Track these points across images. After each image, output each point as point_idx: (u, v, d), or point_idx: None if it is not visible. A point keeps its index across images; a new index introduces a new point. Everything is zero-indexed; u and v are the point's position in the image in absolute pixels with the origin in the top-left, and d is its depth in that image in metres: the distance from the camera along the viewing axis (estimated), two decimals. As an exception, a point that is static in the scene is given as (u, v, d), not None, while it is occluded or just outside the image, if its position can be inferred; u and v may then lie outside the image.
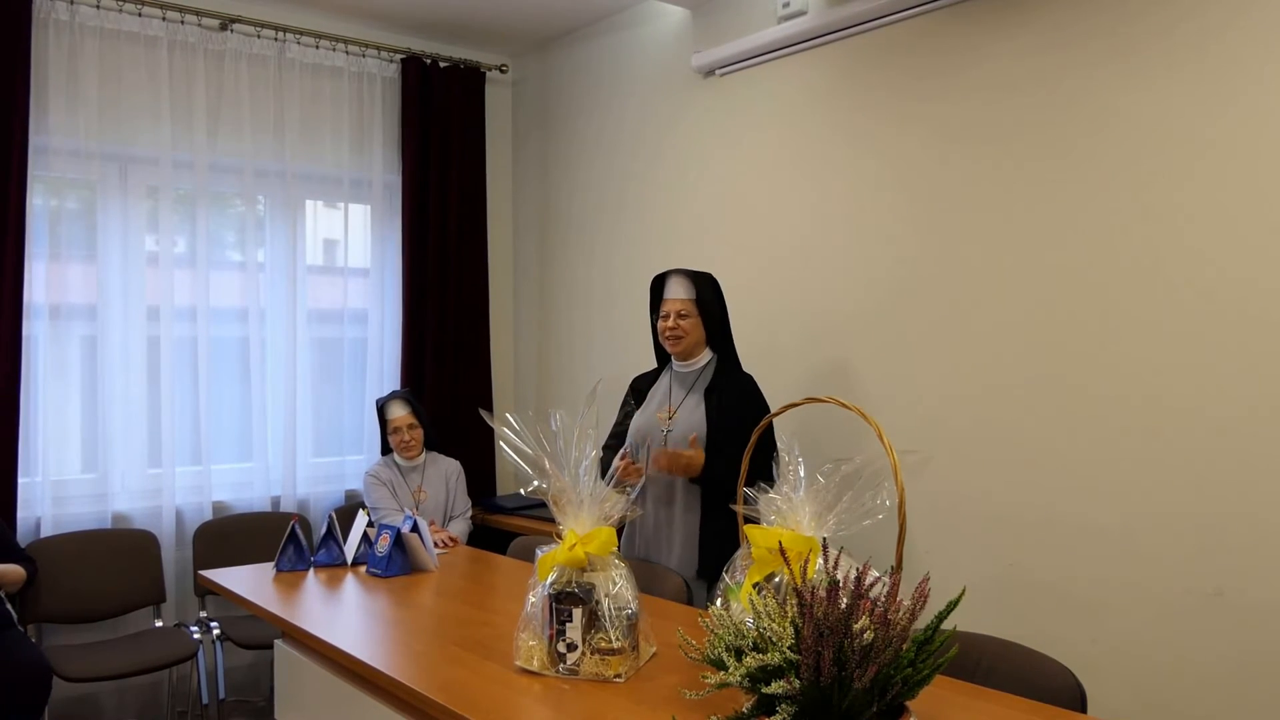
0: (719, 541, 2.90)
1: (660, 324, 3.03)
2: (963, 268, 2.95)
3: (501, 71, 4.69)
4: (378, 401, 3.92)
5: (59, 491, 3.68)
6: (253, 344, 4.01)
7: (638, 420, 3.08)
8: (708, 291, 3.01)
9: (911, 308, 3.08)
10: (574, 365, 4.47)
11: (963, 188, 2.94)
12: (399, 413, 3.81)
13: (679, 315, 2.97)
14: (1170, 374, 2.51)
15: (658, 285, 3.11)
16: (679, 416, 2.98)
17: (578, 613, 1.85)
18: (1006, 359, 2.84)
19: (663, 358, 3.16)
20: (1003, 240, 2.85)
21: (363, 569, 2.98)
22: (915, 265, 3.07)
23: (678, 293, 3.00)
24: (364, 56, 4.27)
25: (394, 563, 2.90)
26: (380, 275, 4.34)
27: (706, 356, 3.05)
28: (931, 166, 3.02)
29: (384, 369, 4.34)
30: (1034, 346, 2.78)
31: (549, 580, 1.89)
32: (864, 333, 3.22)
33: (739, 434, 2.90)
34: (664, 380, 3.13)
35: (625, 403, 3.18)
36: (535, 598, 1.93)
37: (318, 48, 4.15)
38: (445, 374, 4.43)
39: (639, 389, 3.15)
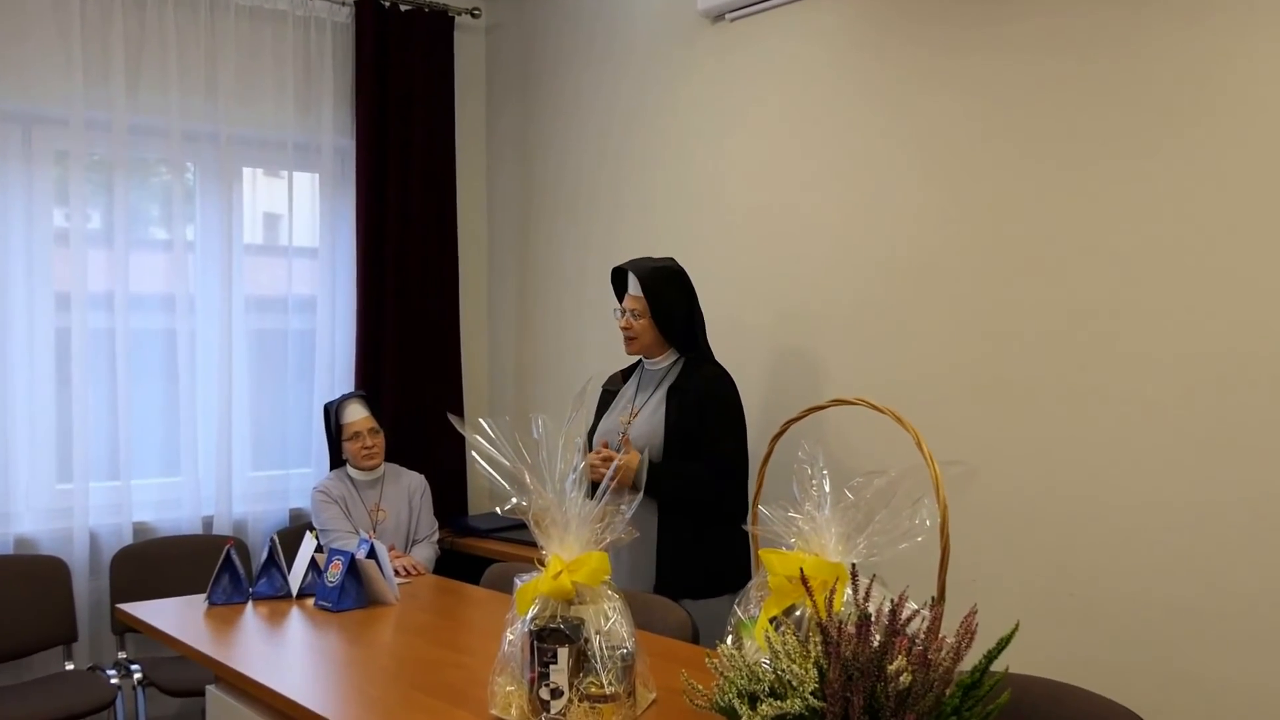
0: (679, 556, 3.04)
1: (618, 322, 3.19)
2: (1002, 247, 2.94)
3: (473, 16, 4.69)
4: (328, 406, 3.91)
5: (-48, 511, 3.67)
6: (180, 337, 4.01)
7: (604, 423, 3.24)
8: (665, 287, 3.14)
9: (948, 292, 3.08)
10: (560, 362, 4.46)
11: (1004, 158, 2.94)
12: (359, 414, 3.80)
13: (632, 314, 3.14)
14: (1256, 367, 2.51)
15: (620, 279, 3.24)
16: (639, 419, 3.11)
17: (563, 653, 1.85)
18: (1062, 353, 2.84)
19: None
20: (1049, 217, 2.84)
21: (310, 601, 2.97)
22: (949, 243, 3.07)
23: (632, 289, 3.16)
24: (311, -2, 4.27)
25: (347, 594, 2.90)
26: (330, 256, 4.34)
27: (672, 355, 3.20)
28: (969, 133, 3.02)
29: (335, 366, 4.34)
30: (1092, 339, 2.78)
31: (530, 615, 1.89)
32: (892, 320, 3.22)
33: (698, 439, 2.99)
34: (634, 379, 3.25)
35: (602, 394, 3.32)
36: (514, 635, 1.93)
37: (257, -12, 4.14)
38: (408, 372, 4.43)
39: (609, 389, 3.31)
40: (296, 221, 4.30)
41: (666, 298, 3.12)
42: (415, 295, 4.45)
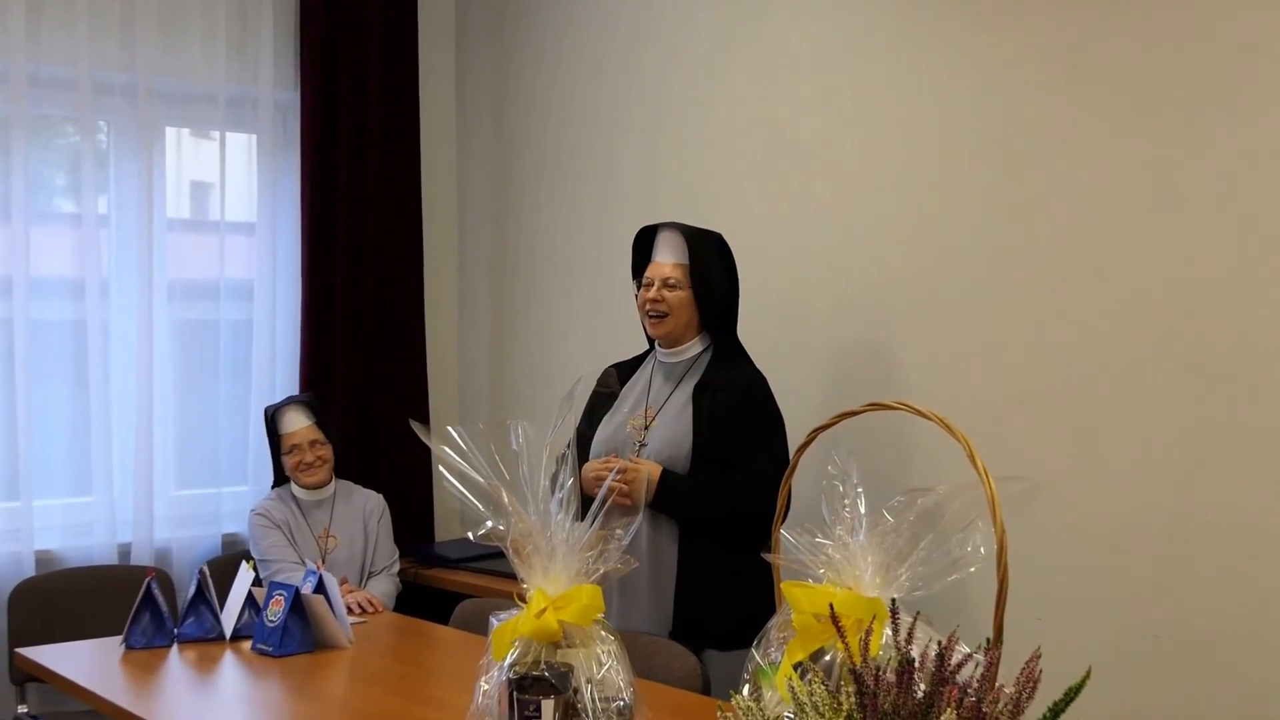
0: (703, 596, 2.98)
1: (641, 295, 3.12)
2: (1081, 223, 2.94)
3: (440, -55, 4.70)
4: (267, 410, 3.91)
5: None
6: (92, 329, 4.00)
7: (605, 429, 3.15)
8: (709, 256, 3.08)
9: (1011, 276, 3.08)
10: (544, 359, 4.46)
11: (1086, 119, 2.93)
12: (298, 424, 3.81)
13: (665, 285, 3.07)
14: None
15: (644, 242, 3.16)
16: (658, 424, 3.04)
17: (548, 705, 1.86)
18: (1150, 349, 2.84)
19: (652, 341, 3.23)
20: (1142, 192, 2.84)
21: (247, 645, 2.98)
22: (1014, 217, 3.07)
23: (667, 255, 3.11)
24: (247, -76, 4.26)
25: (291, 636, 2.90)
26: (270, 233, 4.33)
27: (700, 344, 3.11)
28: (1044, 87, 3.01)
29: (276, 364, 4.33)
30: (1187, 334, 2.78)
31: (508, 660, 1.90)
32: (942, 309, 3.22)
33: (732, 450, 2.95)
34: (644, 373, 3.18)
35: (596, 395, 3.23)
36: (489, 684, 1.93)
37: (181, -88, 4.14)
38: (362, 371, 4.43)
39: (604, 391, 3.24)
40: (230, 192, 4.29)
41: (711, 267, 3.07)
42: (371, 279, 4.45)
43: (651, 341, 3.23)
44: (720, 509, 3.00)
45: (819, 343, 3.53)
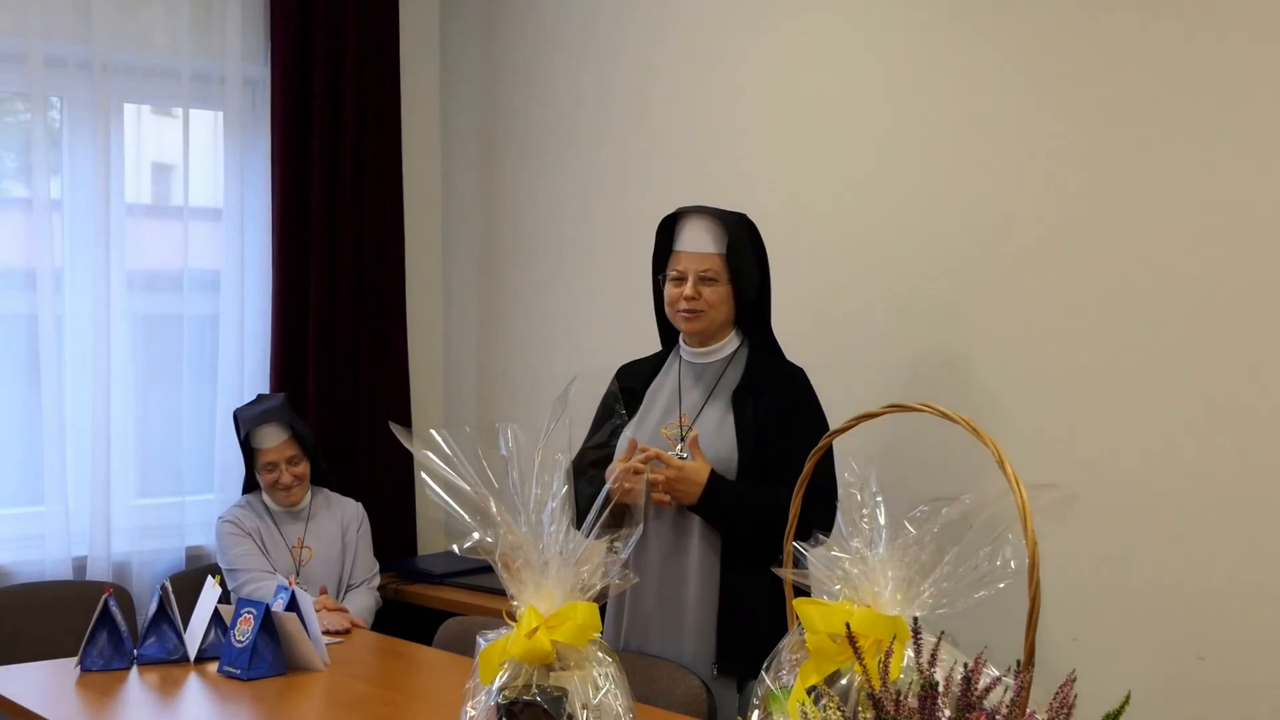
0: (749, 619, 2.90)
1: (671, 290, 3.01)
2: (1136, 201, 2.94)
3: (423, -94, 4.70)
4: (239, 416, 3.90)
5: None
6: (44, 323, 4.00)
7: (632, 439, 3.03)
8: (744, 243, 3.00)
9: (1054, 261, 3.08)
10: (538, 357, 4.45)
11: (1146, 80, 2.94)
12: (274, 440, 3.79)
13: (701, 279, 2.95)
14: None
15: (667, 230, 3.10)
16: (697, 434, 2.97)
17: (541, 733, 1.86)
18: (1205, 342, 2.84)
19: (669, 338, 3.17)
20: (1205, 163, 2.83)
21: (213, 667, 2.98)
22: (1063, 196, 3.07)
23: (701, 244, 2.98)
24: (212, -117, 4.26)
25: (261, 657, 2.90)
26: (238, 219, 4.33)
27: (734, 341, 3.06)
28: (1097, 49, 3.01)
29: (245, 361, 4.33)
30: (1251, 325, 2.78)
31: (497, 684, 1.90)
32: (978, 301, 3.22)
33: (786, 459, 2.89)
34: (669, 375, 3.11)
35: (607, 406, 3.15)
36: (476, 710, 1.93)
37: None
38: (339, 369, 4.43)
39: (631, 387, 3.12)
40: (194, 174, 4.29)
41: (746, 255, 2.98)
42: (348, 269, 4.45)
43: (668, 338, 3.15)
44: (771, 522, 2.88)
45: (839, 341, 3.52)
